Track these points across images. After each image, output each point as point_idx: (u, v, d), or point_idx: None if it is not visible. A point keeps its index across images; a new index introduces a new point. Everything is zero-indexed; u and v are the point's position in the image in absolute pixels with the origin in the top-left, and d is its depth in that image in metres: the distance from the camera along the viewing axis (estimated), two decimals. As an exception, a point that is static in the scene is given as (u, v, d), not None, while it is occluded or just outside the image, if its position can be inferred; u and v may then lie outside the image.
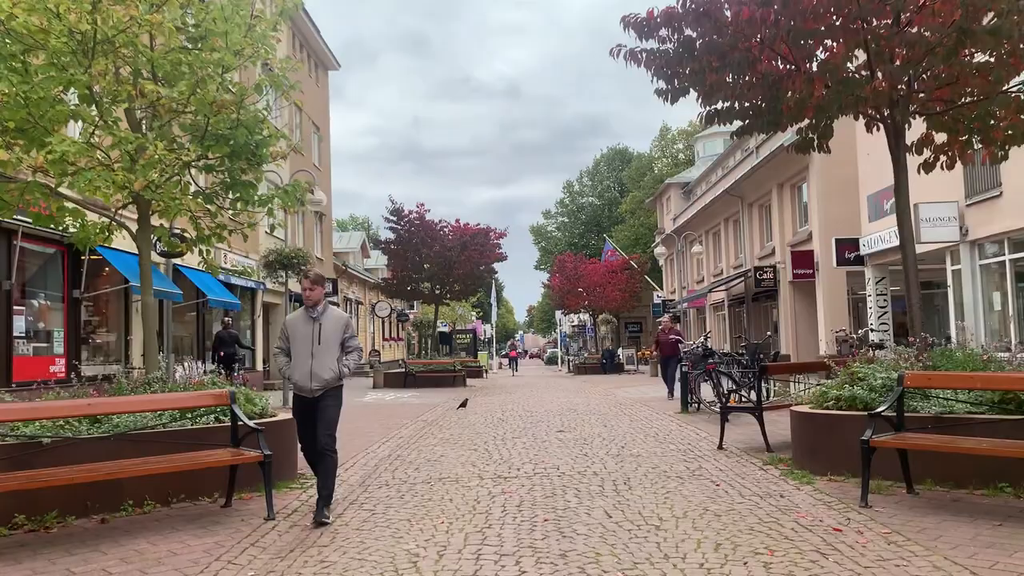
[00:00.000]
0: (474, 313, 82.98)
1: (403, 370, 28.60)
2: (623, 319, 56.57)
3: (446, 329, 61.12)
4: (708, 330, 26.51)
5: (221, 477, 7.09)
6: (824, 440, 7.81)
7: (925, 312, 26.27)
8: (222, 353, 20.09)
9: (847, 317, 25.56)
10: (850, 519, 5.98)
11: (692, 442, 10.51)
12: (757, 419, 9.59)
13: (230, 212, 8.92)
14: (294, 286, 30.23)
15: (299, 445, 7.12)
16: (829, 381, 8.60)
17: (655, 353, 19.08)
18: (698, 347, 14.70)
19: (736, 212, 34.67)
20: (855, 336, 14.18)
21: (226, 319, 20.91)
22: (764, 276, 29.09)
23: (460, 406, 17.17)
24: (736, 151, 42.87)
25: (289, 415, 8.90)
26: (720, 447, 9.80)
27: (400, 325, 56.42)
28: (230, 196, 8.53)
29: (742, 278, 32.82)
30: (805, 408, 8.33)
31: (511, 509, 6.56)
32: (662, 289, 51.57)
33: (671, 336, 18.25)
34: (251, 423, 6.91)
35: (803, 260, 25.64)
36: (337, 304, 35.88)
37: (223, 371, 20.14)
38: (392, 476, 8.35)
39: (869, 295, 21.78)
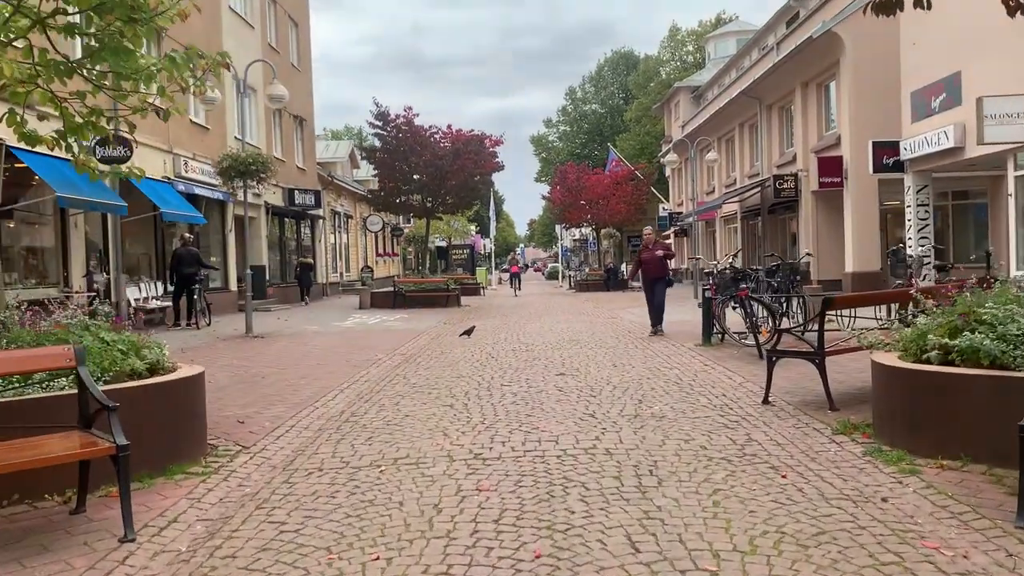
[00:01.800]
0: (473, 227, 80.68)
1: (392, 289, 26.44)
2: (626, 233, 54.27)
3: (443, 244, 58.88)
4: (737, 247, 23.82)
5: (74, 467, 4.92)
6: (929, 407, 5.59)
7: (960, 226, 23.99)
8: (183, 273, 17.89)
9: (877, 230, 23.23)
10: (1015, 557, 3.79)
11: (726, 391, 8.33)
12: (818, 367, 7.36)
13: (113, 91, 6.48)
14: (272, 198, 27.79)
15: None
16: (921, 319, 6.29)
17: (635, 276, 15.42)
18: (727, 269, 12.41)
19: (753, 116, 31.89)
20: (912, 256, 11.86)
21: (187, 235, 18.60)
22: (784, 185, 26.64)
23: (464, 334, 14.84)
24: (753, 50, 39.71)
25: (199, 368, 6.72)
26: (766, 401, 7.61)
27: (395, 240, 54.13)
28: (99, 68, 6.10)
29: (758, 188, 30.31)
30: (894, 359, 6.08)
31: (486, 529, 4.37)
32: (668, 201, 49.03)
33: (657, 252, 14.67)
34: (100, 396, 4.66)
35: (831, 167, 23.12)
36: (323, 218, 33.52)
37: (183, 293, 18.03)
38: (332, 452, 6.18)
39: (908, 206, 19.37)
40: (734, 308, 11.98)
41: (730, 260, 13.16)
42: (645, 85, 62.38)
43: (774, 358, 7.74)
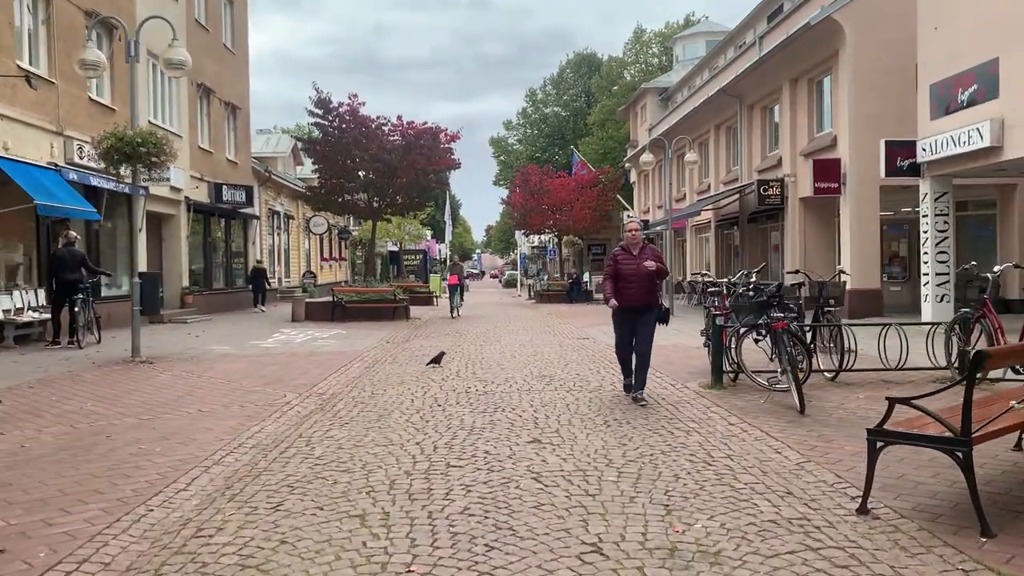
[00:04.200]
0: (427, 231, 77.73)
1: (331, 300, 23.27)
2: (586, 240, 51.63)
3: (395, 249, 55.70)
4: (762, 263, 20.45)
5: None
6: None
7: (968, 242, 21.55)
8: (64, 279, 14.66)
9: (878, 243, 20.79)
10: None
11: (787, 480, 5.50)
12: (960, 463, 4.52)
13: None
14: (194, 192, 24.42)
15: None
16: None
17: (609, 297, 8.87)
18: (748, 288, 9.59)
19: (731, 117, 29.40)
20: (990, 276, 9.17)
21: (70, 233, 15.29)
22: (769, 191, 24.06)
23: (432, 362, 12.03)
24: (728, 48, 37.39)
25: None
26: (864, 509, 4.80)
27: (343, 244, 50.80)
28: None
29: (737, 194, 27.80)
30: None
31: None
32: (633, 208, 46.52)
33: (647, 264, 8.58)
34: None
35: (827, 171, 20.60)
36: (257, 218, 30.28)
37: (64, 303, 14.78)
38: (108, 656, 3.19)
39: (924, 215, 16.89)
40: (757, 340, 9.20)
41: (752, 278, 10.39)
42: (608, 88, 59.91)
43: (879, 443, 4.87)
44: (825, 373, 9.79)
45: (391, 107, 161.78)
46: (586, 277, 38.92)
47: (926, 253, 16.77)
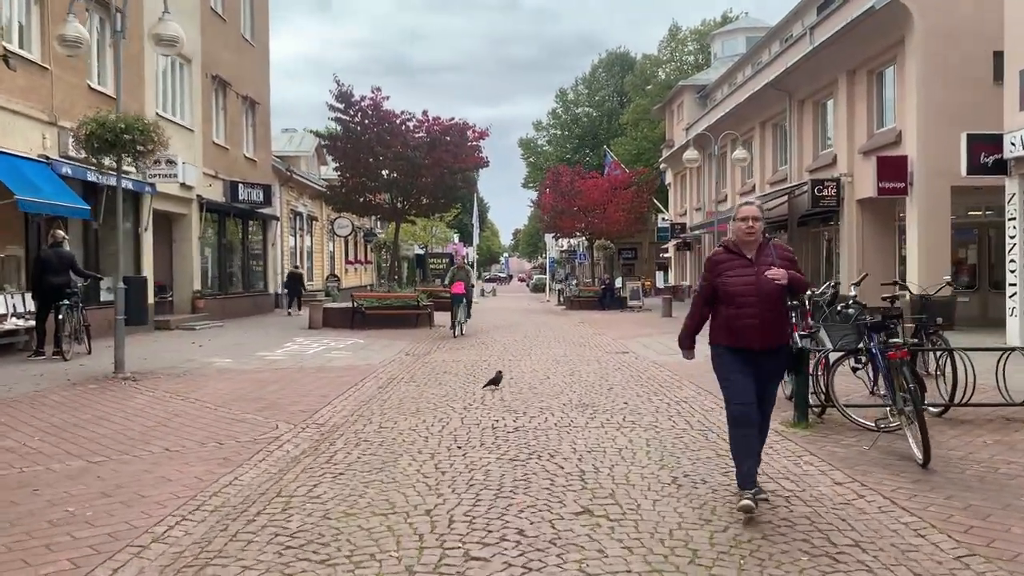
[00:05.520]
0: (455, 234, 76.32)
1: (351, 305, 21.74)
2: (617, 245, 49.82)
3: (421, 252, 54.31)
4: (863, 272, 16.79)
5: None
6: None
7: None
8: (49, 282, 13.21)
9: (948, 249, 18.81)
10: None
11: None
12: None
13: None
14: (207, 191, 23.04)
15: None
16: None
17: (689, 345, 5.62)
18: (848, 304, 7.81)
19: (779, 113, 27.49)
20: None
21: (59, 232, 13.84)
22: (824, 192, 22.17)
23: (489, 383, 10.34)
24: (773, 43, 35.45)
25: None
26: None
27: (368, 246, 49.43)
28: None
29: (786, 195, 25.88)
30: None
31: None
32: (668, 211, 44.65)
33: (772, 274, 4.87)
34: None
35: (892, 170, 18.65)
36: (278, 219, 28.92)
37: (50, 310, 13.34)
38: None
39: (1011, 218, 14.96)
40: (855, 369, 7.45)
41: (853, 293, 8.60)
42: (642, 87, 58.05)
43: None
44: (930, 408, 8.01)
45: (419, 109, 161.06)
46: (619, 283, 37.09)
47: (1012, 261, 14.85)
